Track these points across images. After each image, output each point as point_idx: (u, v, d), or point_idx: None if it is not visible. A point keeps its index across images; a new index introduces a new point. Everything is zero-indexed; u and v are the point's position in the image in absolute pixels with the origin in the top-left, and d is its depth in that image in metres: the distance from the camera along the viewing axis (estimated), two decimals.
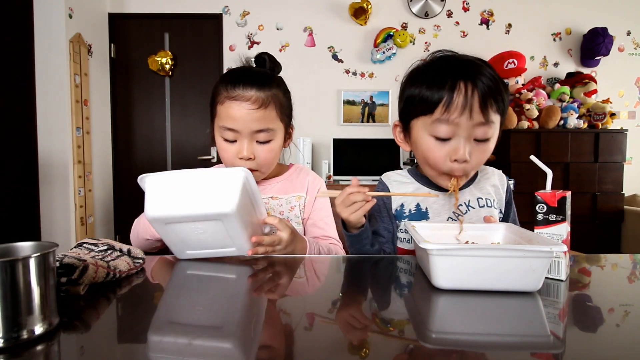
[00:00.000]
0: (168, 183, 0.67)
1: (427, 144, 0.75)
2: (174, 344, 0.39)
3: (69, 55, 2.73)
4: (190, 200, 0.65)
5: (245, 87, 0.83)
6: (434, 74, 0.74)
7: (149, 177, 0.67)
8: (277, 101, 0.86)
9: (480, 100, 0.69)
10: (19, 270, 0.38)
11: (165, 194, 0.66)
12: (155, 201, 0.65)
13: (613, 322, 0.47)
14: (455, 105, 0.69)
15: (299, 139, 3.07)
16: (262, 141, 0.86)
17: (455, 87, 0.70)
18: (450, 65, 0.74)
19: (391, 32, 3.34)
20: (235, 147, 0.85)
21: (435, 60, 0.77)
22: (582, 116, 3.18)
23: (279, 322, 0.45)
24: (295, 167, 1.03)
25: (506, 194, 0.89)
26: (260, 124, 0.84)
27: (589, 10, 3.45)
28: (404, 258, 0.74)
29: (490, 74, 0.71)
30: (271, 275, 0.64)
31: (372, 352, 0.38)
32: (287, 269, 0.68)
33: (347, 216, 0.74)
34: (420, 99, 0.74)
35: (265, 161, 0.88)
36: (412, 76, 0.78)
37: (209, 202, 0.64)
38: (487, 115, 0.70)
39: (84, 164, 2.91)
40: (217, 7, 3.36)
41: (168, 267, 0.70)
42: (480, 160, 0.76)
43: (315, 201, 0.98)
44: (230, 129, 0.84)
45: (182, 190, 0.65)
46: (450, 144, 0.73)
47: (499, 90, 0.71)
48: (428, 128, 0.74)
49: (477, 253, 0.52)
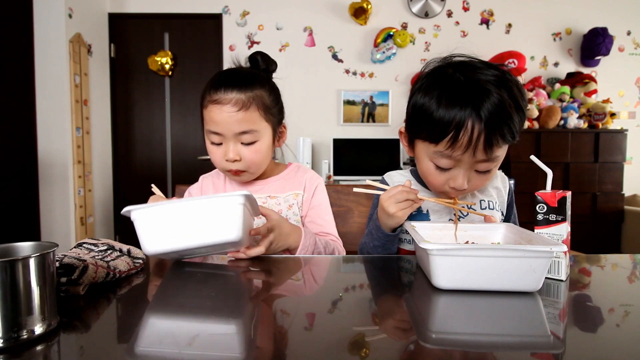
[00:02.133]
0: (159, 215, 0.62)
1: (427, 168, 0.75)
2: (174, 344, 0.39)
3: (68, 55, 2.73)
4: (190, 231, 0.62)
5: (226, 90, 0.83)
6: (445, 98, 0.68)
7: (135, 210, 0.62)
8: (260, 102, 0.86)
9: (485, 141, 0.66)
10: (19, 270, 0.38)
11: (160, 227, 0.62)
12: (152, 236, 0.62)
13: (613, 322, 0.47)
14: (459, 144, 0.67)
15: (299, 139, 3.07)
16: (246, 143, 0.86)
17: (462, 125, 0.65)
18: (461, 91, 0.67)
19: (391, 32, 3.34)
20: (221, 150, 0.87)
21: (450, 73, 0.71)
22: (582, 116, 3.18)
23: (279, 322, 0.45)
24: (294, 166, 1.03)
25: (508, 196, 0.89)
26: (243, 126, 0.84)
27: (589, 10, 3.45)
28: (404, 258, 0.74)
29: (503, 104, 0.65)
30: (271, 275, 0.64)
31: (372, 352, 0.38)
32: (287, 268, 0.68)
33: (395, 211, 0.72)
34: (427, 124, 0.70)
35: (252, 162, 0.88)
36: (425, 85, 0.73)
37: (211, 232, 0.62)
38: (490, 154, 0.68)
39: (84, 164, 2.91)
40: (217, 7, 3.36)
41: (168, 267, 0.70)
42: (480, 185, 0.77)
43: (312, 199, 0.97)
44: (215, 132, 0.85)
45: (178, 222, 0.62)
46: (451, 173, 0.73)
47: (509, 123, 0.66)
48: (430, 156, 0.73)
49: (477, 253, 0.52)
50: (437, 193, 0.81)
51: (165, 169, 3.43)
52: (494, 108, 0.65)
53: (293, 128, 1.03)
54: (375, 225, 0.80)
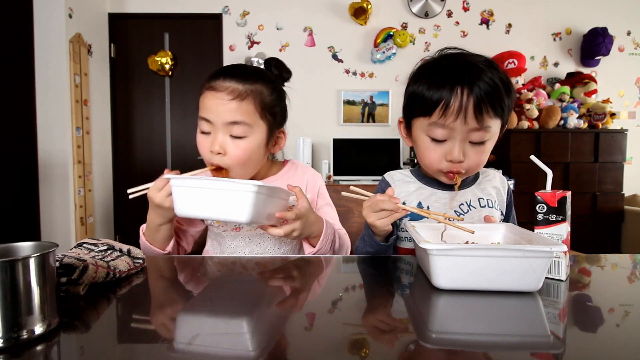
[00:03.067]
0: (190, 185, 0.71)
1: (423, 143, 0.77)
2: (174, 344, 0.39)
3: (69, 55, 2.73)
4: (209, 205, 0.70)
5: (225, 79, 0.81)
6: (436, 75, 0.74)
7: (173, 180, 0.72)
8: (259, 97, 0.82)
9: (475, 106, 0.70)
10: (19, 270, 0.38)
11: (189, 195, 0.71)
12: (181, 201, 0.72)
13: (613, 322, 0.47)
14: (451, 110, 0.70)
15: (299, 139, 3.07)
16: (236, 136, 0.81)
17: (452, 91, 0.70)
18: (451, 68, 0.74)
19: (391, 32, 3.34)
20: (208, 140, 0.82)
21: (440, 59, 0.77)
22: (582, 116, 3.18)
23: (279, 322, 0.45)
24: (291, 164, 1.00)
25: (507, 196, 0.89)
26: (234, 116, 0.79)
27: (589, 10, 3.45)
28: (404, 258, 0.74)
29: (491, 79, 0.71)
30: (271, 275, 0.64)
31: (372, 352, 0.38)
32: (287, 268, 0.68)
33: (373, 221, 0.72)
34: (421, 100, 0.75)
35: (236, 160, 0.82)
36: (417, 73, 0.79)
37: (224, 210, 0.69)
38: (481, 121, 0.71)
39: (84, 164, 2.91)
40: (217, 7, 3.36)
41: (168, 267, 0.70)
42: (478, 161, 0.77)
43: (318, 199, 0.97)
44: (205, 119, 0.81)
45: (202, 195, 0.70)
46: (446, 145, 0.75)
47: (497, 95, 0.71)
48: (425, 129, 0.76)
49: (477, 253, 0.52)
50: (434, 173, 0.81)
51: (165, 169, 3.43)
52: (481, 78, 0.70)
53: (293, 128, 1.02)
54: (368, 233, 0.78)
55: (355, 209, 1.17)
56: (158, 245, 0.84)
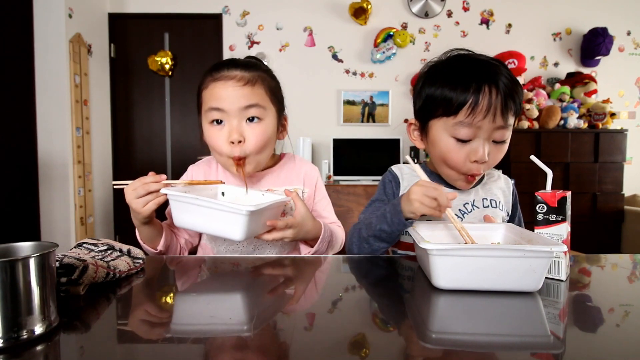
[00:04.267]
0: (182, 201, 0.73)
1: (447, 145, 0.76)
2: (174, 344, 0.39)
3: (68, 55, 2.73)
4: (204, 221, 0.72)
5: (229, 69, 0.81)
6: (457, 75, 0.73)
7: (168, 193, 0.73)
8: (266, 82, 0.84)
9: (502, 103, 0.70)
10: (19, 270, 0.38)
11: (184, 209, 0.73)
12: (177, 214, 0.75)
13: (613, 322, 0.47)
14: (480, 108, 0.70)
15: (299, 139, 3.07)
16: (252, 119, 0.81)
17: (480, 89, 0.70)
18: (472, 67, 0.74)
19: (391, 32, 3.34)
20: (224, 131, 0.81)
21: (455, 59, 0.77)
22: (582, 116, 3.18)
23: (278, 322, 0.45)
24: (287, 157, 1.00)
25: (512, 196, 0.90)
26: (249, 99, 0.80)
27: (589, 10, 3.45)
28: (404, 258, 0.74)
29: (509, 75, 0.72)
30: (271, 275, 0.64)
31: (372, 352, 0.38)
32: (287, 268, 0.68)
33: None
34: (443, 100, 0.74)
35: (256, 145, 0.81)
36: (432, 75, 0.78)
37: (219, 227, 0.71)
38: (506, 119, 0.72)
39: (84, 164, 2.91)
40: (217, 7, 3.36)
41: (168, 267, 0.70)
42: (496, 161, 0.78)
43: (316, 194, 0.97)
44: (217, 109, 0.80)
45: (196, 211, 0.72)
46: (471, 145, 0.74)
47: (517, 91, 0.72)
48: (449, 129, 0.74)
49: (477, 253, 0.52)
50: (457, 178, 0.80)
51: (165, 169, 3.43)
52: (502, 75, 0.71)
53: (293, 128, 1.02)
54: (394, 210, 0.72)
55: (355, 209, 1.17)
56: (149, 244, 0.84)
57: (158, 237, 0.84)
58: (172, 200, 0.74)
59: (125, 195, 0.76)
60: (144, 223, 0.80)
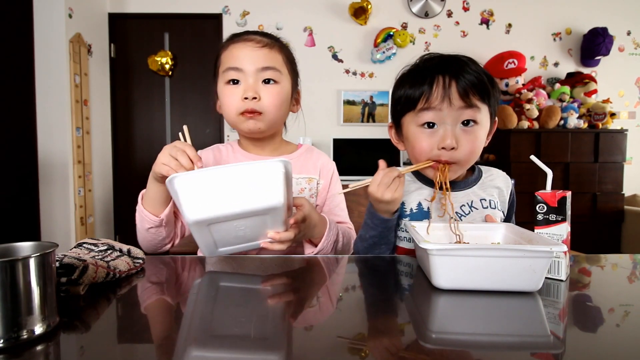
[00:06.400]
0: (202, 182, 0.61)
1: (414, 134, 0.78)
2: (174, 344, 0.39)
3: (68, 55, 2.73)
4: (234, 197, 0.61)
5: (249, 34, 0.85)
6: (416, 74, 0.78)
7: (178, 177, 0.62)
8: (284, 50, 0.88)
9: (458, 89, 0.72)
10: (19, 270, 0.38)
11: (203, 193, 0.61)
12: (194, 203, 0.61)
13: (613, 322, 0.47)
14: (435, 96, 0.73)
15: (299, 139, 3.06)
16: (268, 80, 0.83)
17: (433, 81, 0.73)
18: (431, 65, 0.77)
19: (391, 32, 3.34)
20: (239, 89, 0.83)
21: (422, 61, 0.81)
22: (582, 116, 3.18)
23: (278, 322, 0.45)
24: (305, 147, 1.00)
25: (509, 197, 0.89)
26: (266, 61, 0.83)
27: (589, 10, 3.45)
28: (404, 258, 0.74)
29: (473, 69, 0.74)
30: (271, 275, 0.64)
31: (372, 352, 0.38)
32: (286, 268, 0.68)
33: (391, 196, 0.72)
34: (406, 98, 0.78)
35: (270, 105, 0.83)
36: (399, 79, 0.82)
37: (255, 197, 0.62)
38: (468, 100, 0.73)
39: (84, 164, 2.91)
40: (217, 7, 3.36)
41: (168, 267, 0.70)
42: (471, 149, 0.75)
43: (330, 187, 0.97)
44: (234, 68, 0.82)
45: (221, 188, 0.61)
46: (437, 132, 0.75)
47: (480, 82, 0.73)
48: (415, 120, 0.78)
49: (477, 253, 0.52)
50: (426, 167, 0.79)
51: None
52: (461, 67, 0.73)
53: (293, 128, 1.02)
54: (370, 214, 0.78)
55: (355, 209, 1.17)
56: (151, 210, 0.80)
57: (164, 204, 0.81)
58: (182, 189, 0.62)
59: (165, 147, 0.74)
60: (158, 180, 0.76)
